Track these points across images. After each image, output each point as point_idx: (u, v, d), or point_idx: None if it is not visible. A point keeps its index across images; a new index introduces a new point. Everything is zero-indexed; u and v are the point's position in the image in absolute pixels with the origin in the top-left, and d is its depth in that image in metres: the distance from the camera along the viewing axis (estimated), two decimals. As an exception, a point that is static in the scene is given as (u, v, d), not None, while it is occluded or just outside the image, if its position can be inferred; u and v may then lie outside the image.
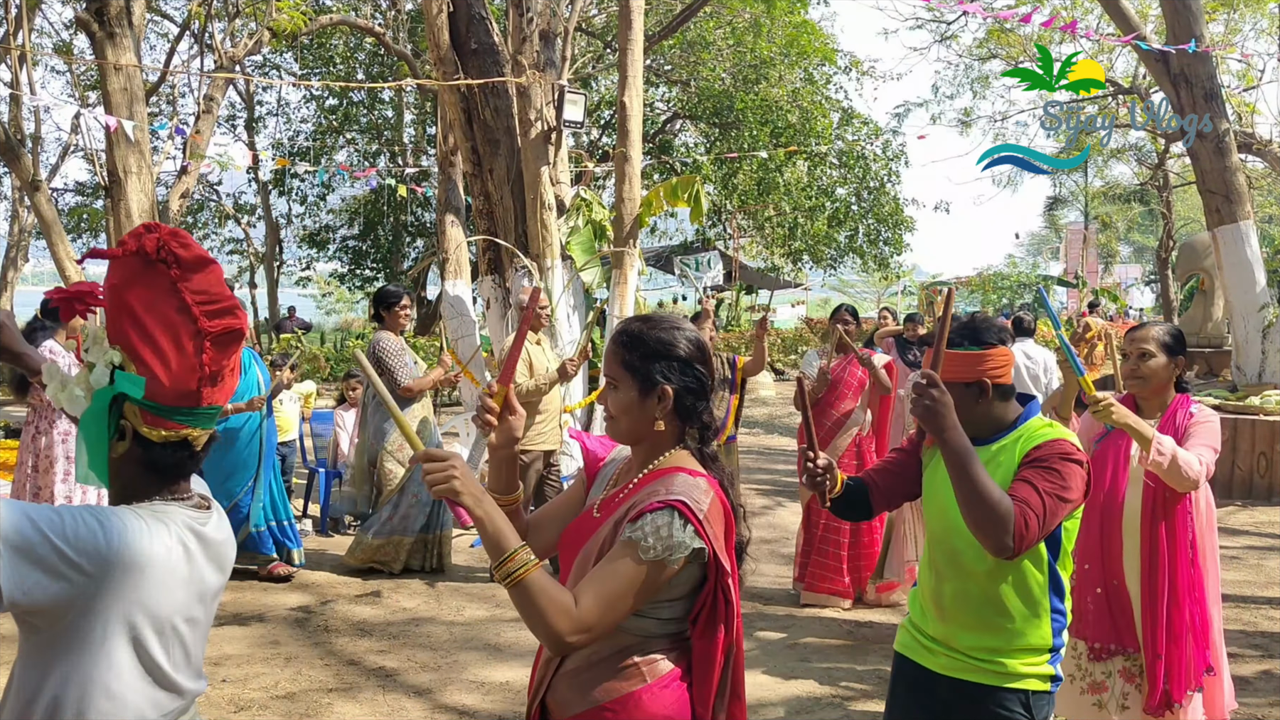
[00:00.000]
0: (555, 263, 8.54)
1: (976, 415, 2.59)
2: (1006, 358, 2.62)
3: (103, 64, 10.18)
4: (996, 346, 2.60)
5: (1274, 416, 9.38)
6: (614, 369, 2.09)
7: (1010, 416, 2.63)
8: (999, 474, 2.51)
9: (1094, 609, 3.62)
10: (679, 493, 1.91)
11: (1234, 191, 10.43)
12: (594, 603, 1.85)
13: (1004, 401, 2.63)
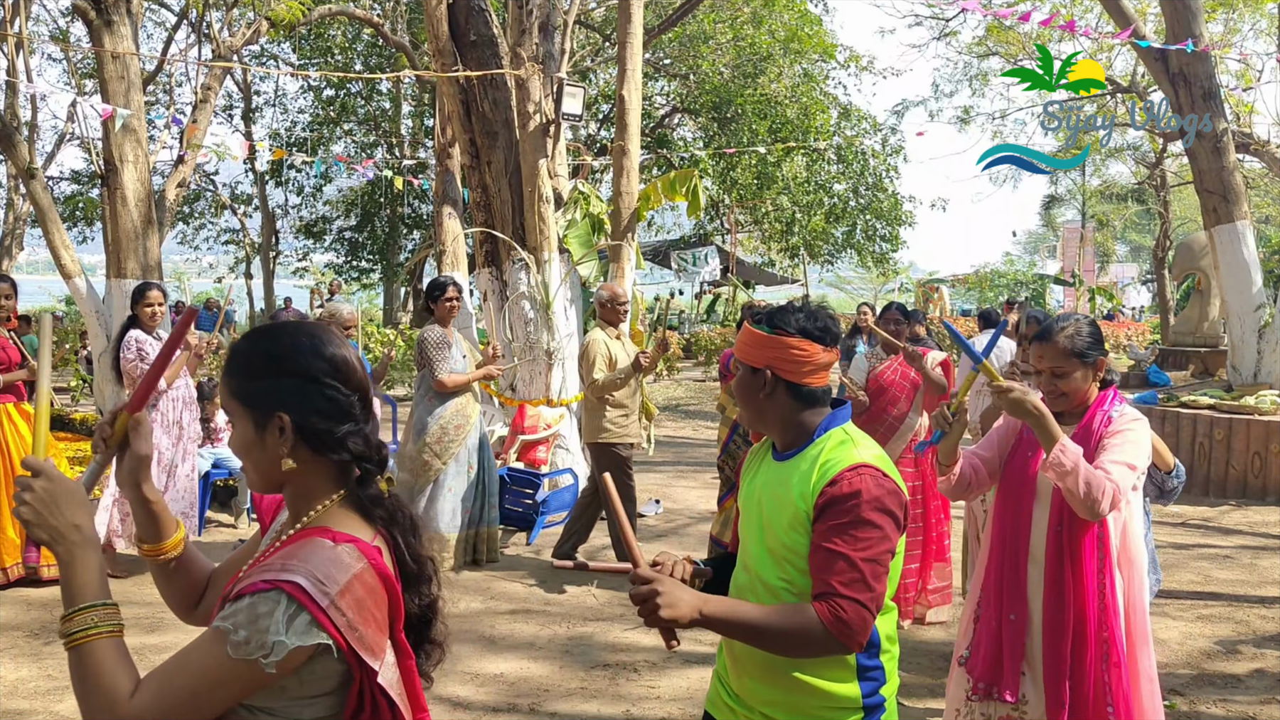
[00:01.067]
0: (552, 256, 8.53)
1: (766, 413, 2.25)
2: (805, 353, 2.20)
3: (99, 52, 10.14)
4: (794, 336, 2.20)
5: (1268, 416, 9.39)
6: (225, 401, 1.67)
7: (812, 426, 2.23)
8: (788, 496, 2.14)
9: (986, 645, 3.10)
10: (297, 571, 1.48)
11: (1231, 191, 10.43)
12: (153, 699, 1.45)
13: (805, 407, 2.23)
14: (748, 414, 2.29)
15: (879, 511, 2.05)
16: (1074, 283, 26.10)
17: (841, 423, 2.23)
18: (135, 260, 10.56)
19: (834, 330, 2.24)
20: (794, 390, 2.22)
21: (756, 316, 2.26)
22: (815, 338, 2.21)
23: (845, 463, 2.10)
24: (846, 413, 2.26)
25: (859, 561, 2.02)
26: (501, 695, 4.69)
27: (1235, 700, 4.75)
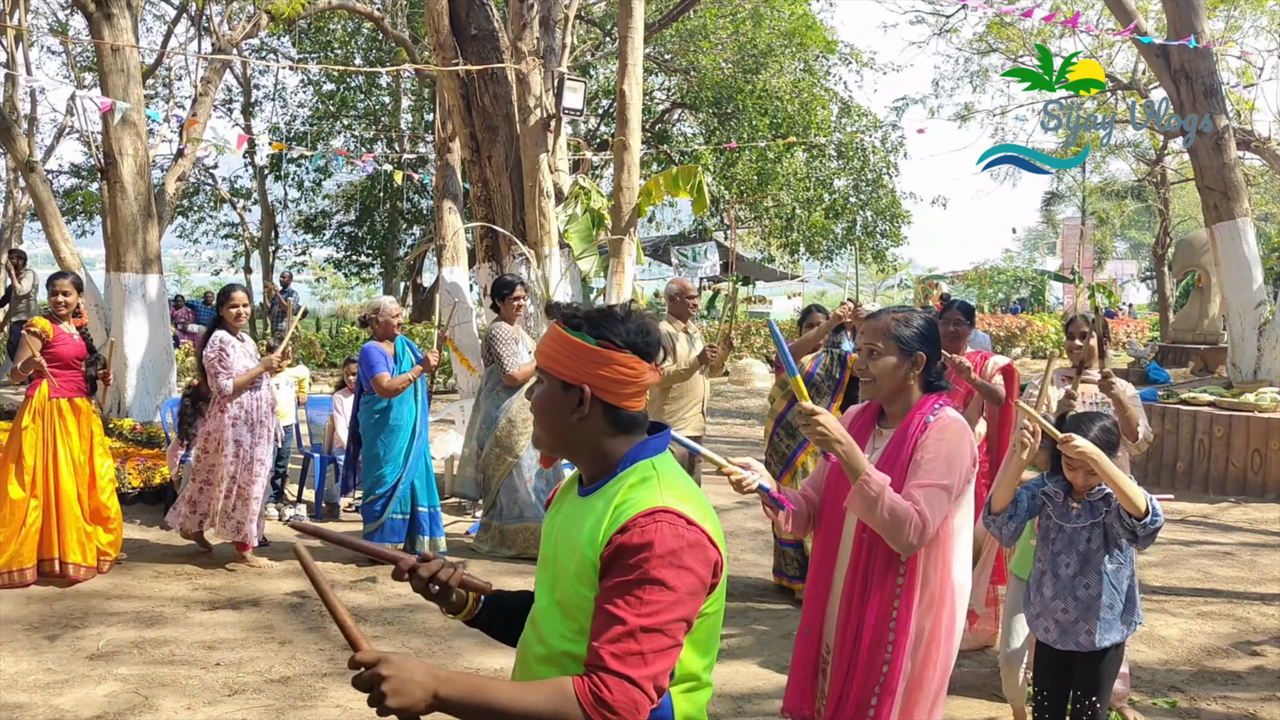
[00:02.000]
0: (553, 250, 8.52)
1: (575, 439, 1.86)
2: (632, 371, 1.84)
3: (99, 44, 10.12)
4: (621, 350, 1.83)
5: (1268, 413, 9.39)
6: None
7: (617, 457, 1.86)
8: (578, 539, 1.80)
9: (798, 671, 2.83)
10: None
11: (1232, 188, 10.42)
12: None
13: (619, 433, 1.87)
14: (549, 438, 1.90)
15: (674, 568, 1.69)
16: (1073, 279, 26.10)
17: (652, 454, 1.86)
18: (134, 253, 10.54)
19: (659, 346, 1.91)
20: (611, 414, 1.86)
21: (572, 320, 1.88)
22: (644, 353, 1.87)
23: (642, 505, 1.73)
24: (662, 441, 1.90)
25: (638, 630, 1.65)
26: (501, 690, 4.68)
27: (1236, 697, 4.75)
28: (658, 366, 1.90)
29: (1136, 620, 3.55)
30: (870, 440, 2.83)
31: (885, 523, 2.52)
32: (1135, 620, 3.54)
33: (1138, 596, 3.57)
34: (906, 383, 2.75)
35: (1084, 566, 3.48)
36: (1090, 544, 3.48)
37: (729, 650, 5.20)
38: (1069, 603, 3.50)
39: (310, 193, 26.72)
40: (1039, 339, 23.44)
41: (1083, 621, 3.47)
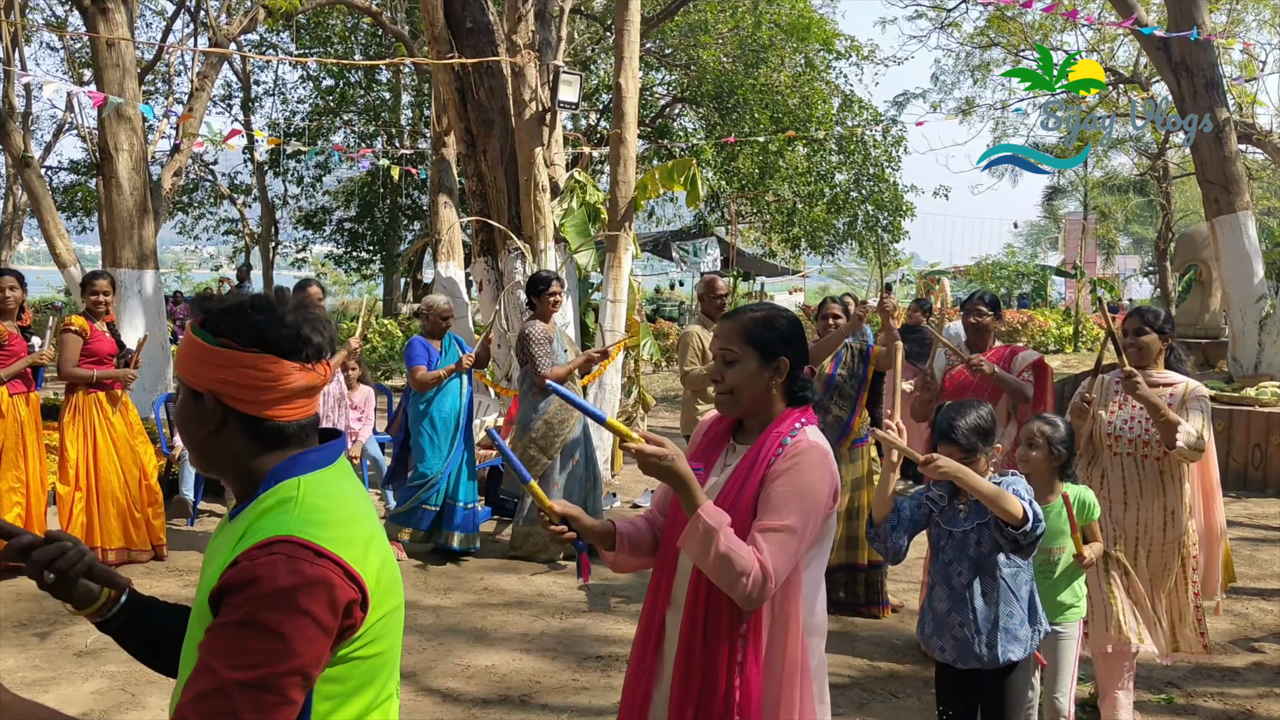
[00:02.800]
0: (549, 245, 8.48)
1: (214, 454, 1.60)
2: (265, 374, 1.55)
3: (94, 38, 10.08)
4: (247, 349, 1.55)
5: (1269, 408, 9.35)
6: None
7: (261, 474, 1.58)
8: (209, 572, 1.55)
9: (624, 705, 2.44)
10: None
11: (1233, 182, 10.36)
12: None
13: (266, 448, 1.58)
14: (192, 454, 1.65)
15: (284, 611, 1.39)
16: (1075, 274, 26.01)
17: (307, 469, 1.57)
18: (131, 249, 10.51)
19: (315, 338, 1.59)
20: (251, 425, 1.57)
21: (202, 316, 1.59)
22: (283, 350, 1.56)
23: (263, 534, 1.47)
24: (326, 454, 1.62)
25: (231, 686, 1.37)
26: (492, 688, 4.65)
27: (1233, 693, 4.71)
28: (314, 365, 1.59)
29: (1044, 629, 3.28)
30: (722, 457, 2.41)
31: (718, 570, 2.10)
32: (1041, 629, 3.26)
33: (1039, 603, 3.29)
34: (768, 393, 2.34)
35: (978, 573, 3.19)
36: (981, 547, 3.19)
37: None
38: (965, 615, 3.18)
39: (310, 189, 26.68)
40: (1040, 334, 23.39)
41: (983, 635, 3.17)
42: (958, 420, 3.19)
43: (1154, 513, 4.17)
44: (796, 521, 2.16)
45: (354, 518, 1.56)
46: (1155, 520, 4.17)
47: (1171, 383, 4.17)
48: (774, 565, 2.12)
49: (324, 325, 1.62)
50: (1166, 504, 4.16)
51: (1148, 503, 4.17)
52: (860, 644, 5.30)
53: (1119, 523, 4.21)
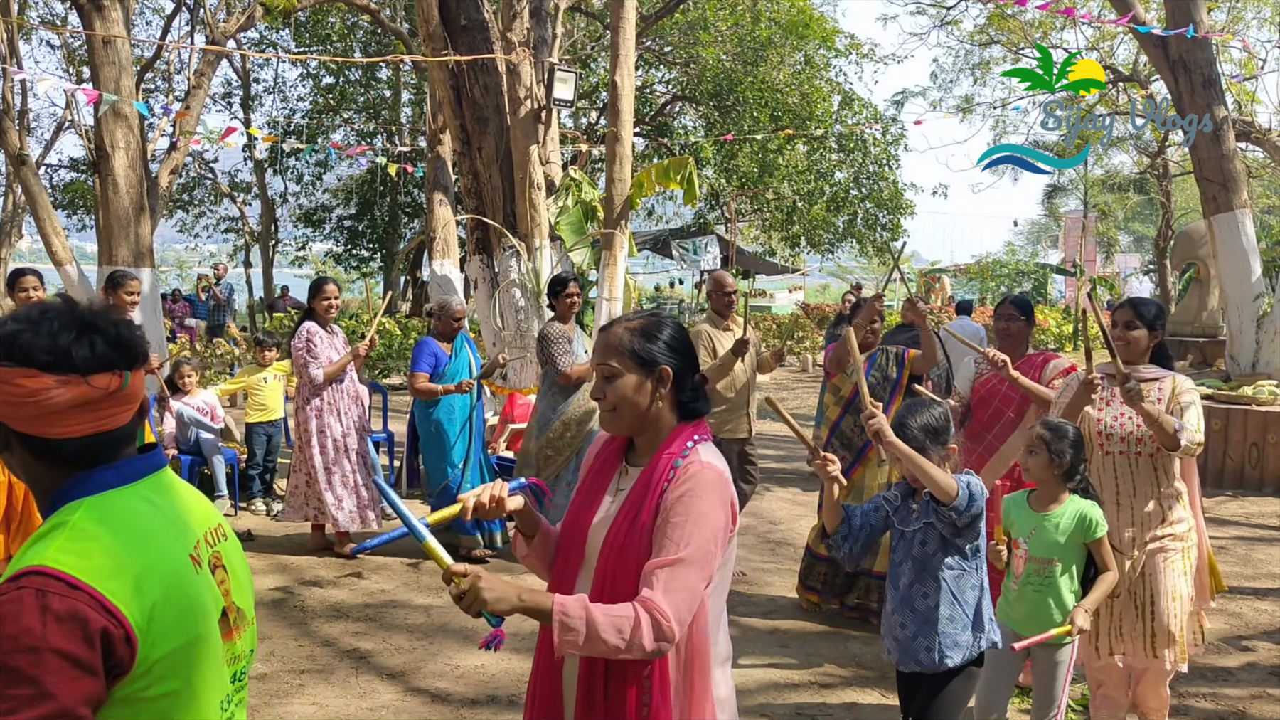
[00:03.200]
0: (543, 243, 8.46)
1: (16, 470, 1.52)
2: (22, 389, 1.42)
3: (90, 36, 10.06)
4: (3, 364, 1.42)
5: (1266, 407, 9.32)
6: None
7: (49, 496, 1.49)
8: None
9: None
10: None
11: (1230, 180, 10.33)
12: None
13: (51, 469, 1.48)
14: None
15: (33, 653, 1.29)
16: (1075, 272, 25.99)
17: (95, 490, 1.46)
18: (127, 247, 10.50)
19: (83, 350, 1.44)
20: (31, 444, 1.46)
21: None
22: (40, 363, 1.42)
23: (20, 564, 1.37)
24: (125, 471, 1.49)
25: None
26: (481, 688, 4.64)
27: (1226, 694, 4.69)
28: (90, 378, 1.45)
29: (989, 637, 3.14)
30: (615, 480, 2.24)
31: (610, 653, 1.92)
32: (986, 637, 3.13)
33: (987, 609, 3.16)
34: (654, 408, 2.14)
35: (920, 574, 3.12)
36: (926, 547, 3.12)
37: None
38: (907, 616, 3.12)
39: (310, 186, 26.68)
40: (1039, 332, 23.37)
41: (922, 637, 3.08)
42: (909, 419, 3.18)
43: (1150, 508, 3.95)
44: (694, 553, 1.97)
45: (132, 545, 1.42)
46: (1153, 514, 3.93)
47: (1158, 377, 3.96)
48: (672, 607, 1.92)
49: (110, 333, 1.48)
50: (1161, 497, 3.94)
51: (1141, 501, 3.94)
52: (852, 644, 5.29)
53: (1111, 524, 3.91)
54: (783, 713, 4.43)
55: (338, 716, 4.31)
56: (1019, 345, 4.83)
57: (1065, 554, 3.49)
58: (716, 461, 2.10)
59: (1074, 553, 3.51)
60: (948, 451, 3.18)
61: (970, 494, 2.98)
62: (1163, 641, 3.90)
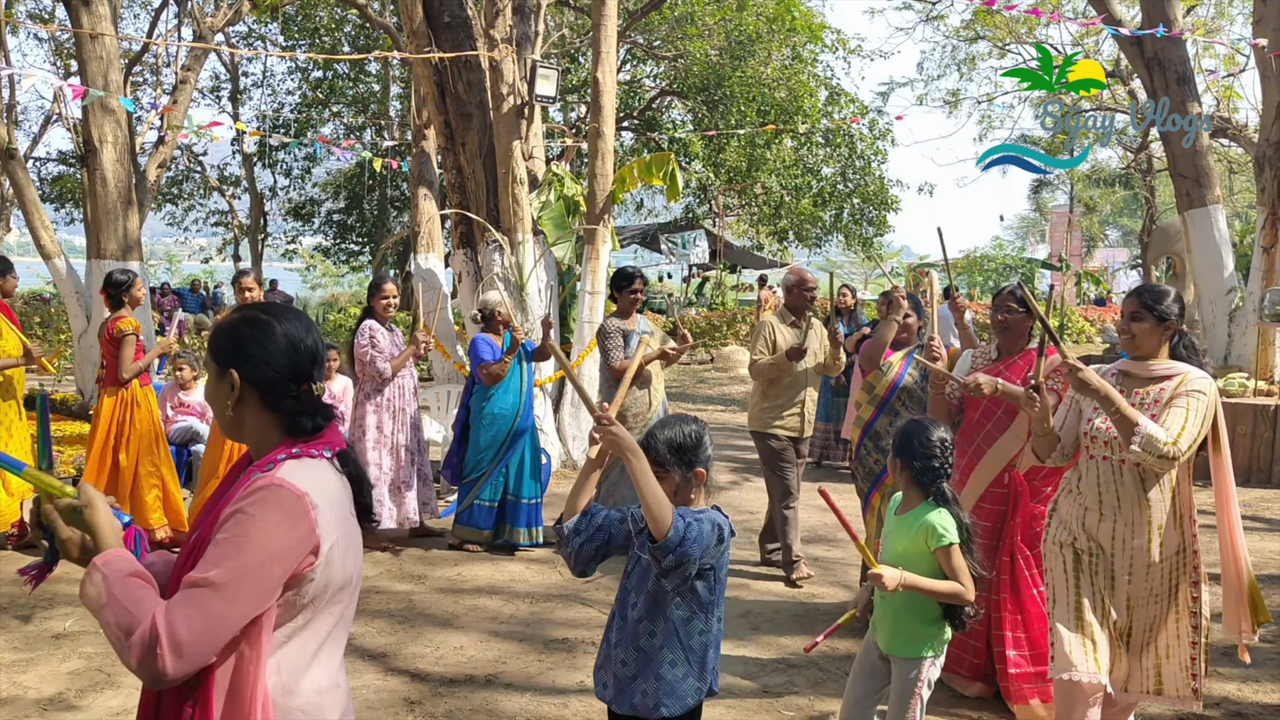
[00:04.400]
0: (526, 237, 8.59)
1: None
2: None
3: (78, 32, 10.16)
4: None
5: (1236, 399, 9.50)
6: None
7: None
8: None
9: None
10: None
11: (1203, 175, 10.52)
12: None
13: None
14: None
15: None
16: (1061, 267, 26.22)
17: None
18: (115, 241, 10.61)
19: None
20: None
21: None
22: None
23: None
24: None
25: None
26: (460, 668, 4.79)
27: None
28: None
29: (710, 686, 2.82)
30: None
31: (115, 637, 1.67)
32: (708, 687, 2.82)
33: (713, 659, 2.83)
34: (243, 417, 1.92)
35: (651, 610, 2.77)
36: (661, 581, 2.75)
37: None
38: (630, 653, 2.78)
39: (299, 180, 26.75)
40: (1023, 326, 23.53)
41: (641, 679, 2.75)
42: (658, 432, 2.86)
43: (1137, 528, 3.51)
44: (224, 576, 1.69)
45: None
46: (1140, 537, 3.51)
47: (1170, 374, 3.49)
48: (181, 629, 1.65)
49: None
50: (1152, 518, 3.49)
51: (1126, 515, 3.50)
52: (820, 626, 5.44)
53: (1092, 534, 3.58)
54: (748, 690, 4.59)
55: (319, 695, 4.44)
56: (1019, 338, 4.56)
57: (913, 563, 3.23)
58: (295, 483, 1.78)
59: (923, 562, 3.22)
60: (695, 475, 2.81)
61: (683, 535, 2.60)
62: (1171, 676, 3.62)
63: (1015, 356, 4.50)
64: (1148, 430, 3.29)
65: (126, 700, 4.36)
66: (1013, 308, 4.52)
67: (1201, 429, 3.36)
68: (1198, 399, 3.39)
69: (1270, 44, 9.86)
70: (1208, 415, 3.40)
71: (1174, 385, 3.45)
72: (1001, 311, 4.55)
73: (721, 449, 10.76)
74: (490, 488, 6.63)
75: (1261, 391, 9.73)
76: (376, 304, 6.67)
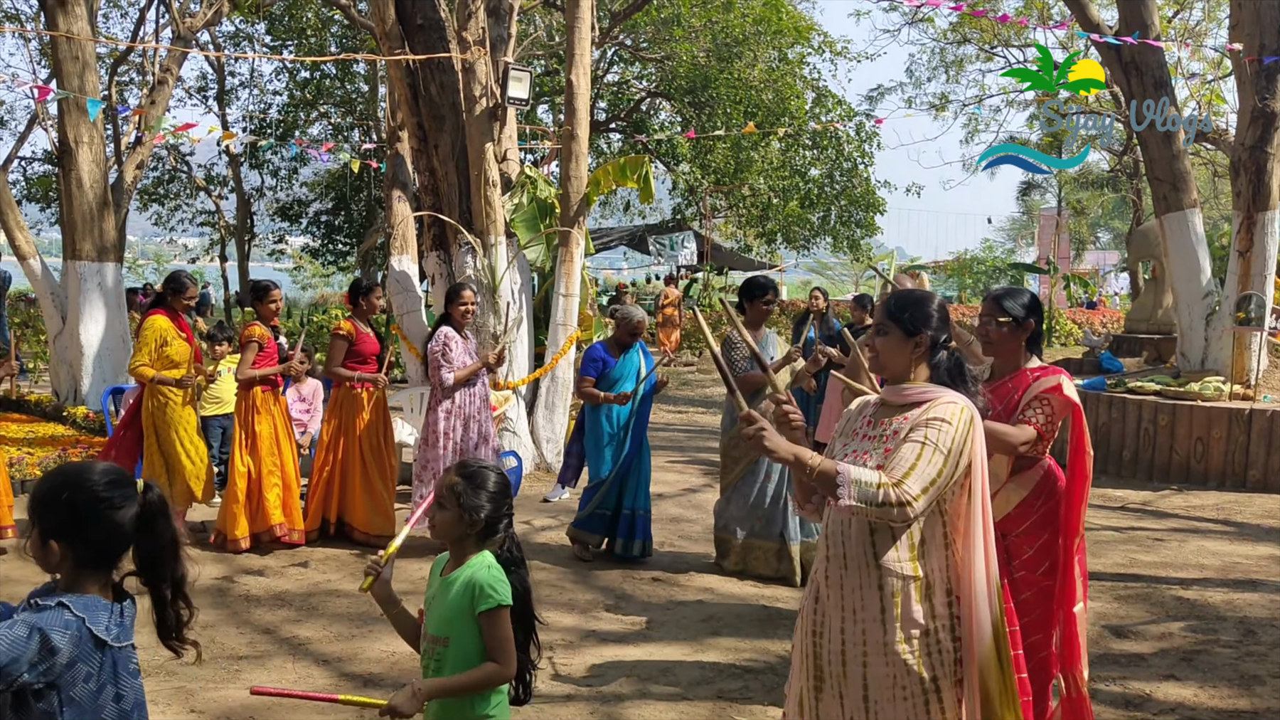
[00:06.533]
0: (499, 239, 8.58)
1: None
2: None
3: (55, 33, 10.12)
4: None
5: (1211, 403, 9.52)
6: None
7: None
8: None
9: None
10: None
11: (1180, 179, 10.53)
12: None
13: None
14: None
15: None
16: (1049, 270, 26.26)
17: None
18: (91, 242, 10.57)
19: None
20: None
21: None
22: None
23: None
24: None
25: None
26: (413, 674, 4.76)
27: (1134, 679, 4.85)
28: None
29: None
30: None
31: None
32: None
33: None
34: None
35: None
36: None
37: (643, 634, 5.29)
38: None
39: (286, 180, 26.68)
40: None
41: None
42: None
43: (860, 590, 2.67)
44: None
45: None
46: (869, 604, 2.66)
47: (921, 400, 2.72)
48: None
49: None
50: (882, 578, 2.65)
51: (853, 580, 2.68)
52: (780, 630, 5.43)
53: (822, 599, 2.78)
54: (704, 695, 4.58)
55: (271, 701, 4.42)
56: (1008, 356, 3.74)
57: (458, 631, 2.67)
58: None
59: (471, 632, 2.65)
60: None
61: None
62: None
63: (1006, 378, 3.74)
64: (852, 475, 2.52)
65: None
66: (993, 316, 3.71)
67: (945, 468, 2.57)
68: (937, 430, 2.60)
69: (1245, 49, 9.87)
70: (954, 451, 2.59)
71: (917, 415, 2.68)
72: (982, 320, 3.79)
73: (684, 448, 10.82)
74: (606, 497, 6.53)
75: (1237, 395, 9.74)
76: (455, 311, 6.69)
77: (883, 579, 2.65)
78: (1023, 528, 3.71)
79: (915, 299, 2.85)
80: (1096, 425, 9.88)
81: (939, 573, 2.66)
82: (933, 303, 2.85)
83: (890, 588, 2.64)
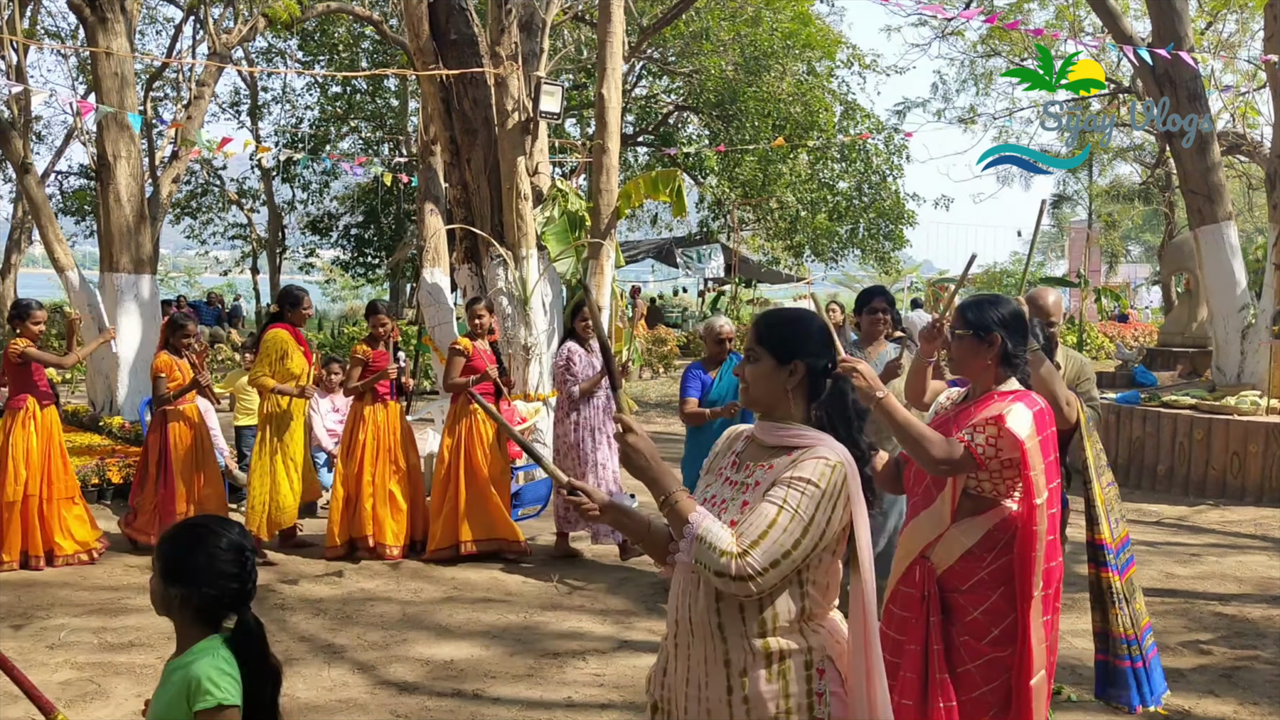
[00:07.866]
0: (530, 252, 8.64)
1: None
2: None
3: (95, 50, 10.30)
4: None
5: (1248, 417, 9.41)
6: None
7: None
8: None
9: None
10: None
11: (1215, 191, 10.44)
12: None
13: None
14: None
15: None
16: (1079, 283, 26.05)
17: None
18: (128, 255, 10.73)
19: None
20: None
21: None
22: None
23: None
24: None
25: None
26: (448, 680, 4.79)
27: (1173, 695, 4.77)
28: None
29: None
30: None
31: None
32: None
33: None
34: None
35: None
36: None
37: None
38: None
39: (317, 194, 26.96)
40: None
41: None
42: None
43: (709, 672, 2.25)
44: None
45: None
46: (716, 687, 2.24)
47: (795, 445, 2.26)
48: None
49: None
50: (730, 660, 2.23)
51: (700, 649, 2.27)
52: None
53: (670, 676, 2.38)
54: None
55: (305, 706, 4.46)
56: (976, 375, 3.21)
57: None
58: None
59: None
60: None
61: None
62: None
63: (972, 403, 3.20)
64: (699, 529, 2.14)
65: (116, 711, 4.39)
66: (959, 325, 3.19)
67: (804, 540, 2.13)
68: (799, 493, 2.14)
69: (1281, 60, 9.79)
70: (816, 521, 2.13)
71: (782, 465, 2.23)
72: (952, 329, 3.25)
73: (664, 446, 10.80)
74: None
75: (1274, 410, 9.62)
76: (577, 325, 6.83)
77: (729, 653, 2.22)
78: (968, 585, 3.08)
79: (789, 318, 2.40)
80: (1131, 439, 9.79)
81: (797, 651, 2.22)
82: (811, 323, 2.38)
83: (737, 664, 2.22)
